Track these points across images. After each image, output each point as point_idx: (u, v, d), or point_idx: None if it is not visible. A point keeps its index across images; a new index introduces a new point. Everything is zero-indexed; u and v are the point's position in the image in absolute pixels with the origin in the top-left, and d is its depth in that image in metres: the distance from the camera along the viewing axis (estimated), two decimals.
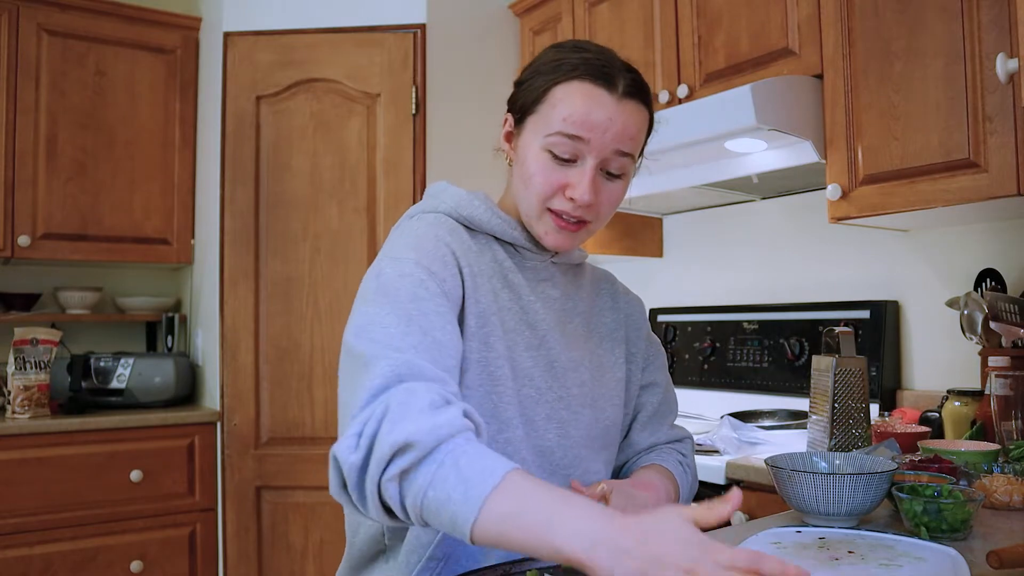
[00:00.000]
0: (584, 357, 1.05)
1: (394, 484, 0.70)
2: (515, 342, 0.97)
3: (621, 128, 0.95)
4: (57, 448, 2.45)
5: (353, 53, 2.66)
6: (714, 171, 2.09)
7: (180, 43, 2.97)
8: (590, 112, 0.93)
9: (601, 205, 0.98)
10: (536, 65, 1.00)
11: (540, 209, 0.97)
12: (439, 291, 0.87)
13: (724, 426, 1.87)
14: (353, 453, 0.71)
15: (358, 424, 0.73)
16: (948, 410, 1.65)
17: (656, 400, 1.13)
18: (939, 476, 1.14)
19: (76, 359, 2.73)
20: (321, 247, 2.64)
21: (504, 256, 1.00)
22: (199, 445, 2.66)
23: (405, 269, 0.87)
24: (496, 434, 0.93)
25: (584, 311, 1.09)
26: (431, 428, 0.70)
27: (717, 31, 2.08)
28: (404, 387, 0.74)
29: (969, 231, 1.92)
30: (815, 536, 1.00)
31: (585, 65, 0.95)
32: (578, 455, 1.00)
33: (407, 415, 0.71)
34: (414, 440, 0.69)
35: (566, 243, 0.99)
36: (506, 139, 1.03)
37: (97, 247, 2.82)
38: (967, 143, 1.55)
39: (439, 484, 0.68)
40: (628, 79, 0.97)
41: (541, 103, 0.96)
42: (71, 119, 2.78)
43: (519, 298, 0.99)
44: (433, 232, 0.94)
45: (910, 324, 2.03)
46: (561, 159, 0.95)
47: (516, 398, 0.95)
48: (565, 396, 1.00)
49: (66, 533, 2.44)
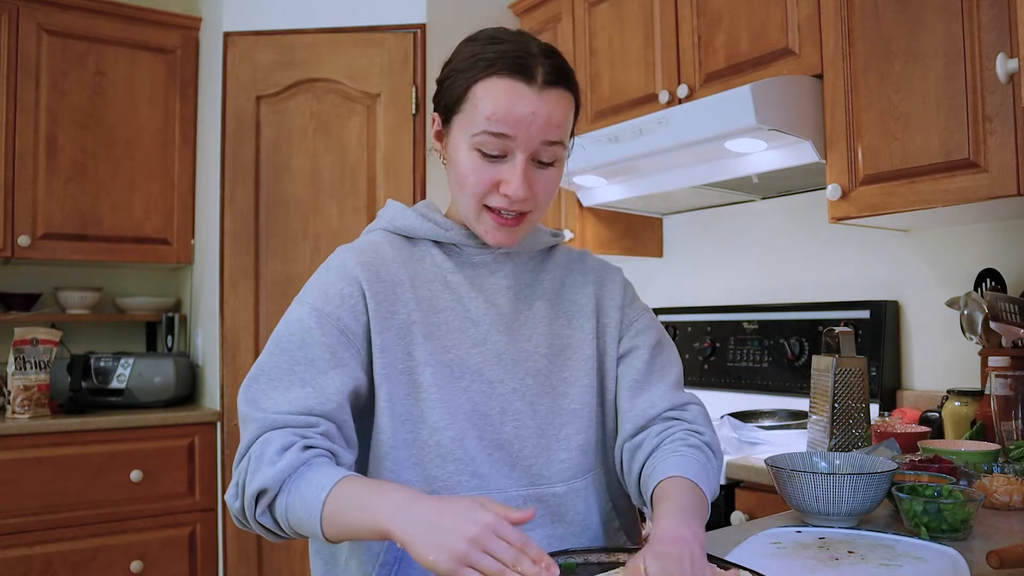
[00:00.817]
0: (544, 341, 1.04)
1: (267, 517, 0.87)
2: (459, 341, 0.99)
3: (545, 120, 0.94)
4: (57, 448, 2.45)
5: (353, 53, 2.66)
6: (714, 171, 2.09)
7: (180, 43, 2.97)
8: (512, 108, 0.93)
9: (538, 195, 0.98)
10: (454, 62, 0.99)
11: (478, 208, 0.98)
12: (333, 333, 0.95)
13: (724, 426, 1.87)
14: (235, 501, 0.89)
15: (236, 475, 0.89)
16: (948, 410, 1.65)
17: (640, 364, 1.07)
18: (939, 476, 1.14)
19: (76, 359, 2.73)
20: (321, 247, 2.64)
21: (443, 259, 1.03)
22: (199, 445, 2.66)
23: (302, 314, 0.97)
24: (427, 439, 0.96)
25: (549, 293, 1.08)
26: (275, 473, 0.85)
27: (717, 31, 2.08)
28: (262, 439, 0.88)
29: (969, 231, 1.92)
30: (815, 536, 1.00)
31: (502, 60, 0.94)
32: (538, 444, 1.00)
33: (260, 466, 0.86)
34: (266, 486, 0.85)
35: (507, 239, 1.00)
36: (436, 138, 1.04)
37: (97, 247, 2.82)
38: (967, 143, 1.55)
39: (291, 509, 0.84)
40: (547, 66, 0.95)
41: (464, 102, 0.96)
42: (71, 119, 2.78)
43: (459, 297, 1.02)
44: (341, 261, 0.99)
45: (910, 324, 2.03)
46: (490, 156, 0.95)
47: (464, 395, 0.97)
48: (519, 387, 1.01)
49: (66, 533, 2.44)
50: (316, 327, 0.95)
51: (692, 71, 2.15)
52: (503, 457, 0.99)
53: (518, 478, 0.99)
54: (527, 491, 0.99)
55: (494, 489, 0.97)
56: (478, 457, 0.97)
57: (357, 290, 0.97)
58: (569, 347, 1.06)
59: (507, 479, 0.99)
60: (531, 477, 1.00)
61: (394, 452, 0.95)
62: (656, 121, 1.97)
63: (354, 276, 0.98)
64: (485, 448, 0.98)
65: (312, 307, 0.97)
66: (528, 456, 1.00)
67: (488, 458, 0.98)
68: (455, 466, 0.96)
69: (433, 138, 1.05)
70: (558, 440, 1.02)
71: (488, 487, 0.97)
